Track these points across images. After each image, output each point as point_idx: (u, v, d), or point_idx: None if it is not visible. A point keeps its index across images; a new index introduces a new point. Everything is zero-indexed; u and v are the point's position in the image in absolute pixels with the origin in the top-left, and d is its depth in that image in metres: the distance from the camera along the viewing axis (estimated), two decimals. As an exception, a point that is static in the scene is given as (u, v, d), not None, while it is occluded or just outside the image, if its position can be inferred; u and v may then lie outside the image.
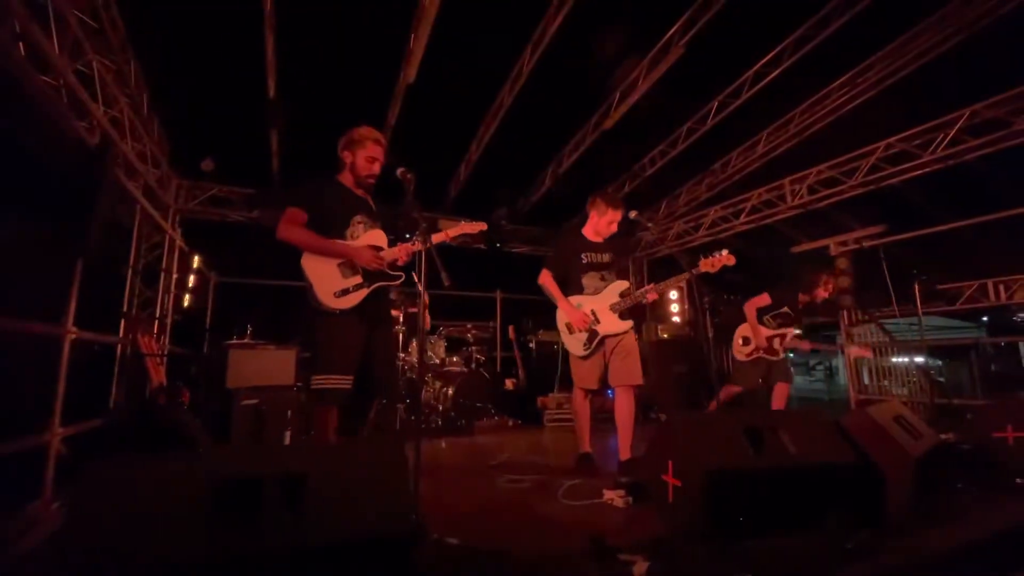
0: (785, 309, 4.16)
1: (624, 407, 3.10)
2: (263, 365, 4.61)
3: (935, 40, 4.68)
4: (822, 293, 4.21)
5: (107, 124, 3.62)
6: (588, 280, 3.25)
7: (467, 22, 4.28)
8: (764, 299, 4.16)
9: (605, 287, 3.24)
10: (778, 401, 4.10)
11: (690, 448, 1.98)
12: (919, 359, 6.91)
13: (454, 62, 4.72)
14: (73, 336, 2.93)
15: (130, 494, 1.23)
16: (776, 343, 4.08)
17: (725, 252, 3.08)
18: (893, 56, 5.02)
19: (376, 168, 2.49)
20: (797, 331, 4.25)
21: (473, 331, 5.41)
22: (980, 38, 4.36)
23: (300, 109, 4.95)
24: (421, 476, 2.02)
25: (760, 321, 4.13)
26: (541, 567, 1.68)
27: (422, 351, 2.27)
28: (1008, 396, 2.89)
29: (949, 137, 4.96)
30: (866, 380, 6.64)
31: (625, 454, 3.03)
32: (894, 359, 7.24)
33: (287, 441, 4.20)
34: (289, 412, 4.32)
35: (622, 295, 3.18)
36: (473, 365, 5.31)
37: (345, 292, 2.30)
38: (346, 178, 2.53)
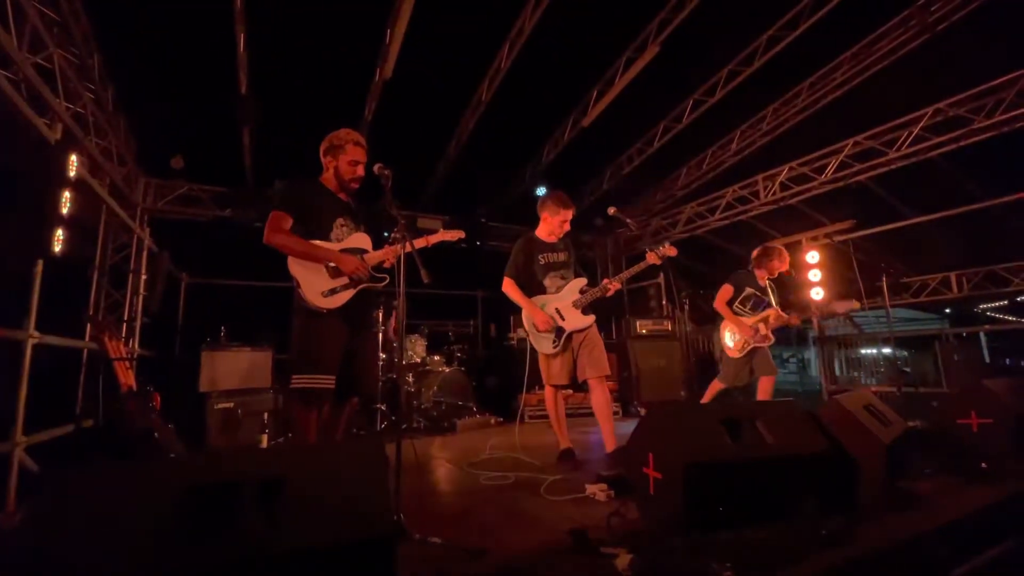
0: (750, 290, 4.10)
1: (601, 399, 3.16)
2: (238, 367, 4.52)
3: (899, 41, 4.84)
4: (778, 265, 4.13)
5: (70, 120, 3.48)
6: (549, 281, 3.35)
7: (444, 18, 4.25)
8: (727, 290, 4.10)
9: (566, 285, 3.34)
10: (763, 395, 4.09)
11: (670, 440, 2.00)
12: (887, 350, 7.15)
13: (432, 58, 4.68)
14: (35, 340, 2.81)
15: (94, 503, 1.18)
16: (762, 328, 3.99)
17: (667, 244, 3.30)
18: (859, 56, 5.17)
19: (360, 171, 2.47)
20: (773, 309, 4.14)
21: (454, 329, 5.38)
22: (941, 39, 4.52)
23: (273, 106, 4.85)
24: (403, 476, 2.00)
25: (735, 311, 4.09)
26: (524, 564, 1.68)
27: (401, 350, 2.26)
28: (971, 385, 3.00)
29: (913, 135, 5.13)
30: (837, 371, 6.85)
31: (611, 445, 3.08)
32: (863, 350, 7.48)
33: (263, 444, 4.11)
34: (265, 415, 4.24)
35: (582, 291, 3.29)
36: (455, 363, 5.28)
37: (333, 292, 2.29)
38: (329, 180, 2.50)
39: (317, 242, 2.33)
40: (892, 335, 4.89)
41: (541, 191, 5.95)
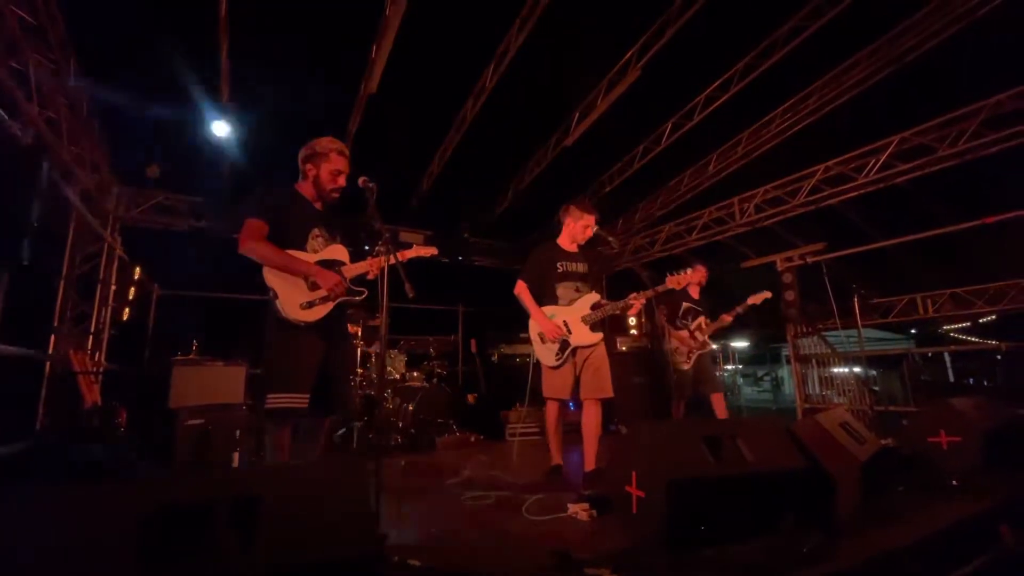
0: (687, 305, 4.48)
1: (592, 419, 3.10)
2: (210, 382, 4.37)
3: (868, 71, 5.07)
4: (687, 278, 4.35)
5: (42, 125, 3.39)
6: (563, 290, 3.26)
7: (431, 35, 4.30)
8: (662, 312, 4.46)
9: (579, 298, 3.24)
10: (720, 411, 4.28)
11: (653, 459, 2.00)
12: (857, 369, 7.33)
13: (418, 74, 4.72)
14: (-6, 352, 2.69)
15: (50, 525, 1.12)
16: (698, 335, 4.36)
17: (690, 271, 3.30)
18: (831, 85, 5.40)
19: (341, 181, 2.39)
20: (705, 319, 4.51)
21: (434, 345, 5.33)
22: (908, 70, 4.76)
23: (255, 115, 4.80)
24: (382, 496, 1.95)
25: (677, 326, 4.42)
26: (508, 584, 1.64)
27: (382, 367, 2.20)
28: (940, 403, 3.09)
29: (881, 162, 5.35)
30: (809, 390, 6.97)
31: (590, 465, 3.03)
32: (834, 369, 7.65)
33: (235, 463, 3.97)
34: (238, 432, 4.10)
35: (594, 307, 3.20)
36: (434, 380, 5.22)
37: (311, 304, 2.20)
38: (306, 189, 2.41)
39: (294, 253, 2.24)
40: (864, 354, 5.02)
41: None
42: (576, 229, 3.31)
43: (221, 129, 4.55)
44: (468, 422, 5.33)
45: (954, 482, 2.62)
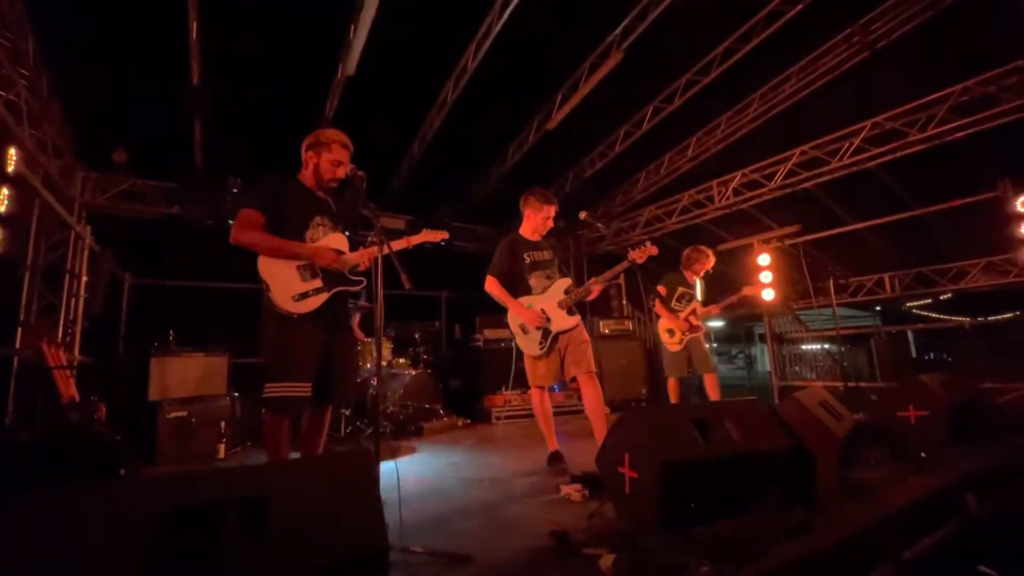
0: (682, 289, 4.60)
1: (592, 394, 3.10)
2: (191, 374, 4.30)
3: (842, 57, 5.17)
4: (702, 266, 4.68)
5: (1, 109, 3.20)
6: (535, 280, 3.31)
7: (410, 16, 4.19)
8: (661, 291, 4.59)
9: (551, 285, 3.31)
10: (712, 391, 4.40)
11: (645, 440, 2.06)
12: (827, 346, 7.62)
13: (397, 56, 4.61)
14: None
15: (53, 530, 1.10)
16: (692, 319, 4.50)
17: (649, 243, 3.30)
18: (806, 70, 5.49)
19: (341, 173, 2.37)
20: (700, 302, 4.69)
21: (419, 331, 5.32)
22: (880, 57, 4.86)
23: (228, 97, 4.63)
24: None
25: (671, 309, 4.54)
26: (511, 569, 1.69)
27: (379, 354, 2.19)
28: (909, 379, 3.24)
29: (854, 146, 5.48)
30: (783, 367, 7.22)
31: (600, 439, 3.06)
32: (804, 346, 7.94)
33: (221, 455, 3.94)
34: (223, 423, 4.06)
35: (567, 291, 3.27)
36: (420, 365, 5.22)
37: (304, 296, 2.19)
38: (307, 178, 2.41)
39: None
40: (838, 332, 5.22)
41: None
42: (537, 220, 3.36)
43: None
44: (455, 407, 5.37)
45: (922, 454, 2.78)
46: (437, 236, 2.64)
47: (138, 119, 4.79)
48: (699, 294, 4.68)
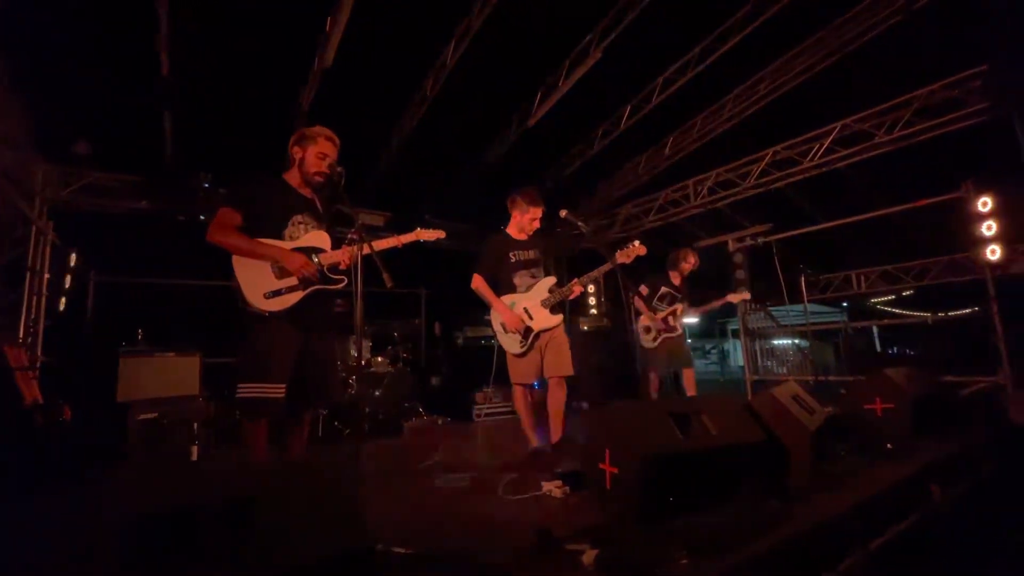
0: (664, 289, 4.66)
1: (557, 396, 3.24)
2: (161, 374, 4.18)
3: (814, 60, 5.30)
4: (686, 266, 4.74)
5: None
6: (520, 279, 3.34)
7: (390, 9, 4.14)
8: (643, 290, 4.63)
9: (535, 284, 3.34)
10: (690, 387, 4.50)
11: (625, 436, 2.09)
12: (797, 341, 7.85)
13: (376, 50, 4.54)
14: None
15: (18, 539, 1.06)
16: (671, 320, 4.57)
17: (637, 243, 3.35)
18: (779, 73, 5.62)
19: (325, 166, 2.34)
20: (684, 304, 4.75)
21: (398, 329, 5.27)
22: (850, 60, 5.01)
23: (199, 89, 4.50)
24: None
25: (652, 307, 4.60)
26: (496, 566, 1.69)
27: (360, 353, 2.16)
28: (875, 373, 3.36)
29: (824, 147, 5.63)
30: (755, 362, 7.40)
31: (555, 438, 3.18)
32: (775, 341, 8.15)
33: (194, 457, 3.84)
34: (195, 425, 3.95)
35: (551, 290, 3.30)
36: (399, 364, 5.18)
37: (277, 293, 2.15)
38: (292, 176, 2.38)
39: (267, 241, 2.19)
40: (809, 328, 5.38)
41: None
42: (524, 221, 3.38)
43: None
44: (435, 405, 5.34)
45: (889, 446, 2.88)
46: (432, 235, 2.60)
47: (105, 111, 4.61)
48: (683, 296, 4.73)
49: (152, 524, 1.13)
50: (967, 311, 6.53)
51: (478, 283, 3.31)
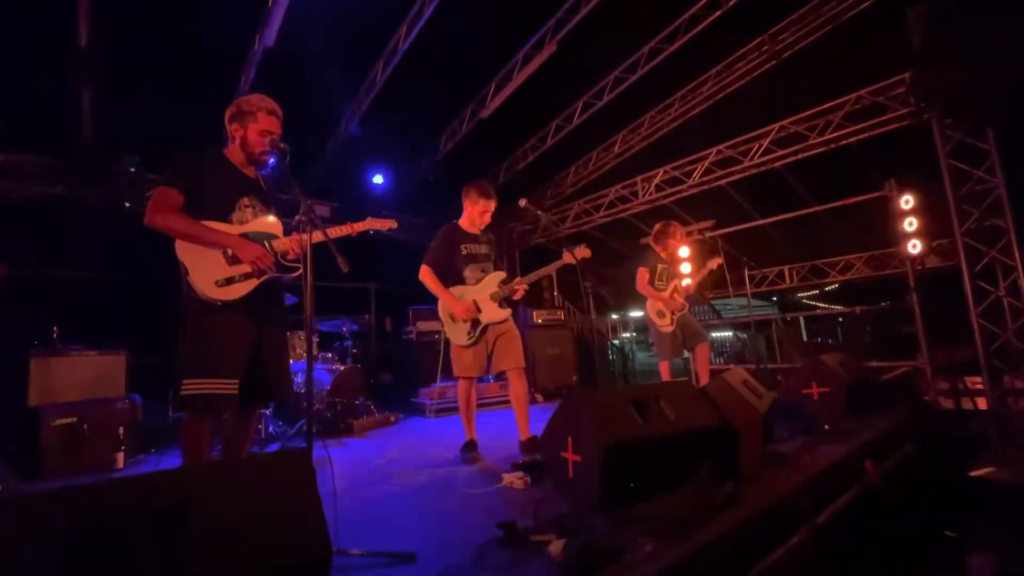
0: (661, 267, 4.55)
1: (520, 389, 3.21)
2: (82, 375, 3.83)
3: (753, 64, 5.56)
4: (674, 242, 4.64)
5: None
6: (469, 272, 3.32)
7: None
8: (644, 273, 4.46)
9: (485, 278, 3.33)
10: (703, 361, 4.45)
11: (587, 424, 2.09)
12: (735, 332, 8.24)
13: (321, 30, 4.32)
14: None
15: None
16: (677, 297, 4.50)
17: (583, 245, 3.35)
18: (722, 75, 5.85)
19: (268, 144, 2.13)
20: (686, 282, 4.74)
21: (347, 324, 5.07)
22: (786, 66, 5.29)
23: (125, 64, 4.11)
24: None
25: (656, 288, 4.46)
26: (460, 562, 1.64)
27: (309, 348, 2.00)
28: (812, 360, 3.56)
29: (763, 147, 5.92)
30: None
31: (524, 434, 3.14)
32: (714, 333, 8.55)
33: (120, 464, 3.52)
34: (121, 429, 3.63)
35: (500, 284, 3.31)
36: (348, 360, 4.99)
37: (230, 281, 1.96)
38: (234, 154, 2.16)
39: (215, 224, 1.99)
40: (751, 319, 5.65)
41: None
42: (475, 214, 3.36)
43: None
44: (386, 402, 5.19)
45: (826, 427, 3.07)
46: (384, 224, 2.49)
47: (13, 85, 4.12)
48: (678, 267, 4.64)
49: (76, 541, 1.00)
50: (885, 304, 7.09)
51: (425, 274, 3.27)
